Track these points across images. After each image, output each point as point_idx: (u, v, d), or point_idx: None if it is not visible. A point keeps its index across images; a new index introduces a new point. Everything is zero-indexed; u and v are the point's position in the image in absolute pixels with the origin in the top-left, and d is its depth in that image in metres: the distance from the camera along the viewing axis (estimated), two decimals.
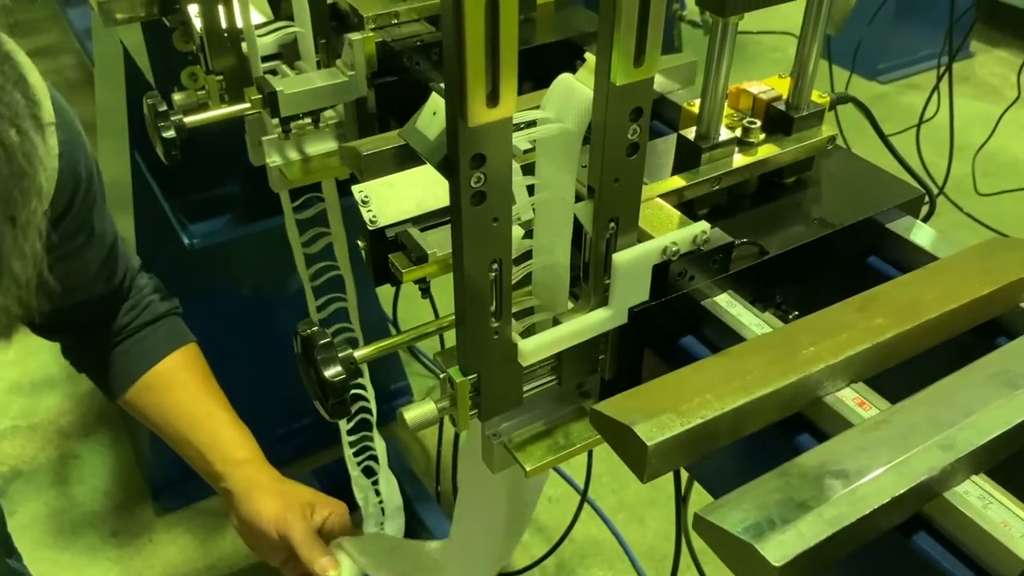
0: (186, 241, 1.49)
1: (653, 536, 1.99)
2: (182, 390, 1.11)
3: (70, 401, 2.30)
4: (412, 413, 0.64)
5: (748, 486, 0.56)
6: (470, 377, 0.65)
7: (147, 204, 1.66)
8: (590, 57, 0.62)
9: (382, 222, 0.74)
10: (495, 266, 0.61)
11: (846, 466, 0.56)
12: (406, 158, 0.86)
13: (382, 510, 1.56)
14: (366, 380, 1.40)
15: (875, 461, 0.56)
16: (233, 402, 2.02)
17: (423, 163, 0.81)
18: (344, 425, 1.45)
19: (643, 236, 0.69)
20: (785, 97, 0.82)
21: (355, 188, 0.74)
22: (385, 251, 0.75)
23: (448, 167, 0.56)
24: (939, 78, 2.51)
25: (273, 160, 1.04)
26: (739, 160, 0.79)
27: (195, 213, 1.60)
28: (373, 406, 1.43)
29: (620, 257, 0.66)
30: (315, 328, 0.67)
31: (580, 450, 0.73)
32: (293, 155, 1.05)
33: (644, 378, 0.76)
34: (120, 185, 1.79)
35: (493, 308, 0.63)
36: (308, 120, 1.02)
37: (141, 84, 1.50)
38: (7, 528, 1.17)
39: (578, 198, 0.65)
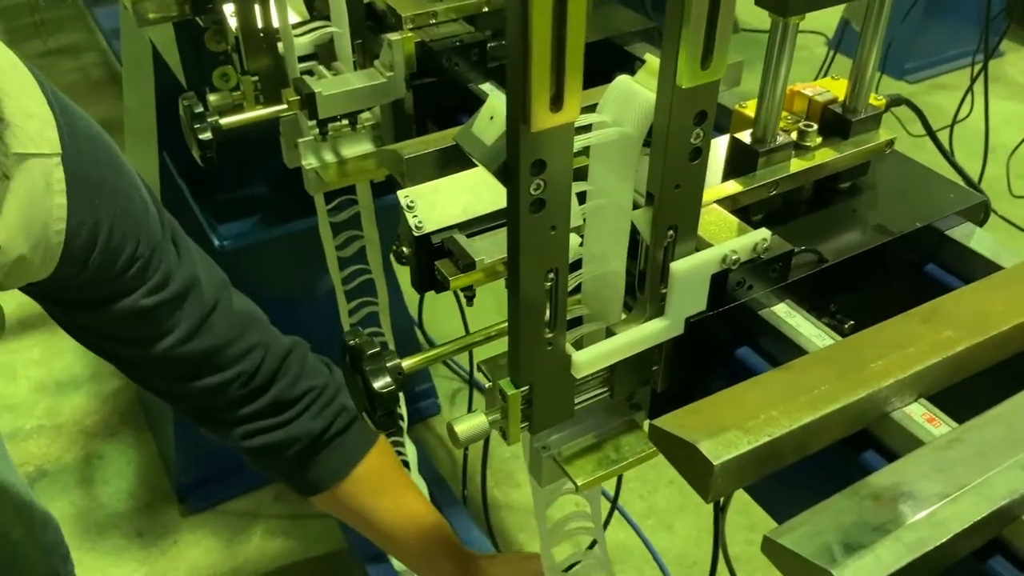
0: (216, 243, 1.48)
1: (682, 543, 1.96)
2: (383, 496, 1.07)
3: (95, 401, 2.30)
4: (463, 426, 0.62)
5: (819, 507, 0.54)
6: (522, 389, 0.63)
7: (176, 206, 1.64)
8: (651, 59, 0.60)
9: (428, 228, 0.72)
10: (551, 275, 0.59)
11: (921, 487, 0.54)
12: (448, 161, 0.85)
13: None
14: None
15: (953, 482, 0.53)
16: None
17: (466, 167, 0.80)
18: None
19: (701, 244, 0.66)
20: (841, 99, 0.80)
21: (401, 193, 0.72)
22: (431, 257, 0.73)
23: (507, 174, 0.53)
24: (973, 79, 2.46)
25: (309, 162, 1.02)
26: (796, 164, 0.76)
27: (225, 215, 1.59)
28: (404, 412, 1.41)
29: (679, 266, 0.63)
30: (363, 338, 0.65)
31: (632, 464, 0.71)
32: (329, 157, 1.03)
33: (698, 390, 0.74)
34: (148, 177, 1.78)
35: (547, 318, 0.61)
36: (345, 122, 1.01)
37: (170, 84, 1.49)
38: (61, 534, 1.15)
39: (635, 206, 0.63)
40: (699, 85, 0.55)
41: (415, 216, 0.71)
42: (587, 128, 0.60)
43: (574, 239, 0.61)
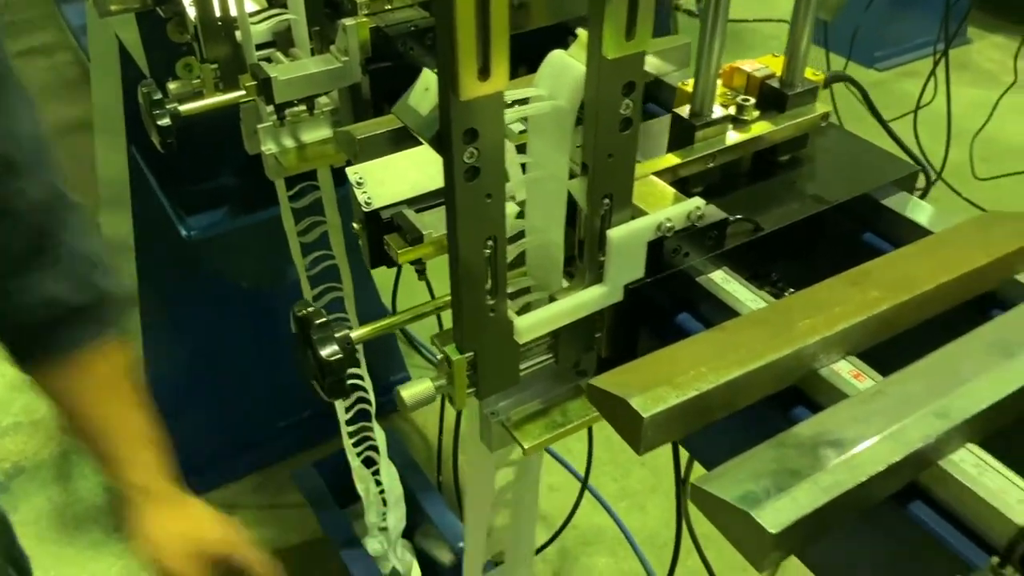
0: (184, 233, 1.49)
1: (654, 523, 1.99)
2: (101, 389, 0.99)
3: None
4: (409, 391, 0.65)
5: (743, 456, 0.56)
6: (467, 355, 0.65)
7: (145, 198, 1.66)
8: (582, 33, 0.62)
9: (377, 204, 0.74)
10: (490, 243, 0.61)
11: (841, 435, 0.56)
12: (401, 140, 0.86)
13: (383, 500, 1.57)
14: (363, 371, 1.40)
15: (870, 430, 0.56)
16: (232, 395, 2.03)
17: (418, 144, 0.82)
18: (343, 415, 1.45)
19: (638, 213, 0.69)
20: (779, 75, 0.83)
21: (349, 170, 0.74)
22: (380, 233, 0.75)
23: (441, 142, 0.56)
24: (935, 64, 2.51)
25: (268, 148, 1.04)
26: (733, 138, 0.79)
27: (194, 206, 1.60)
28: (371, 396, 1.43)
29: (615, 233, 0.66)
30: (311, 308, 0.67)
31: (577, 427, 0.73)
32: (288, 142, 1.05)
33: (640, 356, 0.76)
34: (117, 183, 1.80)
35: (489, 286, 0.63)
36: (303, 107, 1.02)
37: (136, 78, 1.50)
38: (13, 533, 1.13)
39: (572, 177, 0.65)
40: (625, 56, 0.58)
41: (364, 192, 0.74)
42: (525, 102, 0.63)
43: (512, 208, 0.63)
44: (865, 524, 0.61)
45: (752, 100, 0.80)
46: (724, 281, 0.73)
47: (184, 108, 1.00)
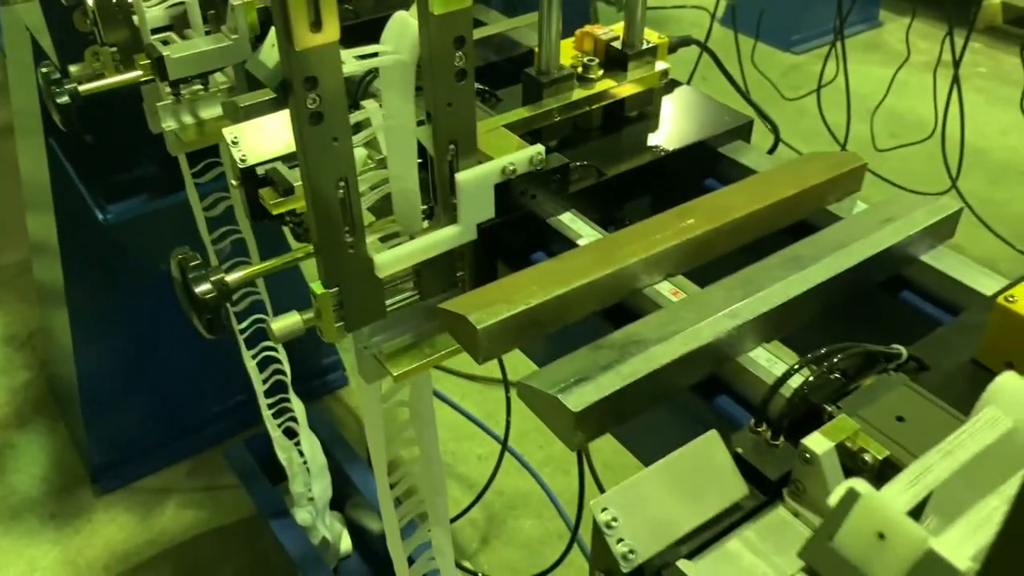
0: (100, 217, 1.54)
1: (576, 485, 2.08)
2: None
3: (5, 393, 2.33)
4: (278, 324, 0.71)
5: (564, 358, 0.64)
6: (332, 290, 0.73)
7: (65, 191, 1.70)
8: None
9: (252, 160, 0.81)
10: (342, 184, 0.68)
11: (648, 336, 0.65)
12: (281, 105, 0.93)
13: (307, 470, 1.63)
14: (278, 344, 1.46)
15: (670, 331, 0.65)
16: (165, 382, 2.07)
17: None
18: (260, 387, 1.51)
19: (485, 159, 0.77)
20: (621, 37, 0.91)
21: (224, 131, 0.81)
22: (256, 188, 0.82)
23: (284, 90, 0.63)
24: (833, 43, 2.64)
25: (168, 124, 1.10)
26: (578, 94, 0.87)
27: (113, 195, 1.65)
28: (286, 367, 1.49)
29: (462, 176, 0.73)
30: (187, 252, 0.73)
31: (443, 356, 0.81)
32: (188, 119, 1.11)
33: None
34: (39, 186, 1.83)
35: (346, 226, 0.70)
36: (199, 85, 1.09)
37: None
38: None
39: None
40: (451, 11, 0.66)
41: (239, 150, 0.80)
42: (374, 57, 0.70)
43: (360, 152, 0.71)
44: (678, 416, 0.69)
45: (597, 60, 0.88)
46: (571, 221, 0.82)
47: (83, 88, 1.06)
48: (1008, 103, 3.14)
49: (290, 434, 1.59)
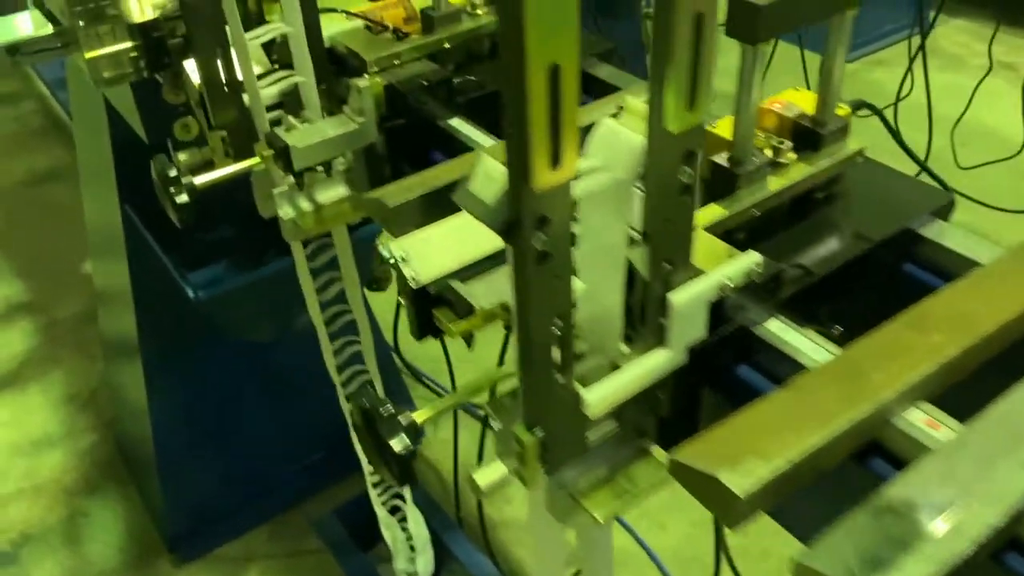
0: (191, 294, 1.46)
1: (676, 540, 1.99)
2: None
3: (73, 458, 2.26)
4: (485, 479, 0.63)
5: (840, 526, 0.55)
6: (540, 435, 0.64)
7: (142, 255, 1.63)
8: (631, 101, 0.61)
9: (424, 279, 0.72)
10: (558, 322, 0.60)
11: (935, 497, 0.56)
12: (431, 206, 0.85)
13: (411, 547, 1.55)
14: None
15: (964, 489, 0.56)
16: (242, 440, 1.99)
17: (449, 210, 0.81)
18: (367, 467, 1.43)
19: (694, 272, 0.68)
20: (808, 113, 0.82)
21: (393, 246, 0.73)
22: (429, 307, 0.74)
23: (510, 231, 0.54)
24: (912, 55, 2.53)
25: (286, 212, 1.02)
26: (774, 183, 0.78)
27: (193, 261, 1.58)
28: None
29: (677, 297, 0.65)
30: (375, 398, 0.65)
31: (648, 494, 0.72)
32: (305, 205, 1.03)
33: (701, 412, 0.76)
34: (107, 233, 1.76)
35: (558, 363, 0.62)
36: (320, 169, 1.01)
37: (125, 135, 1.47)
38: None
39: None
40: (687, 128, 0.57)
41: (410, 269, 0.72)
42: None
43: (578, 284, 0.62)
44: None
45: (787, 142, 0.80)
46: (781, 331, 0.73)
47: (199, 181, 0.98)
48: None
49: (393, 510, 1.51)
